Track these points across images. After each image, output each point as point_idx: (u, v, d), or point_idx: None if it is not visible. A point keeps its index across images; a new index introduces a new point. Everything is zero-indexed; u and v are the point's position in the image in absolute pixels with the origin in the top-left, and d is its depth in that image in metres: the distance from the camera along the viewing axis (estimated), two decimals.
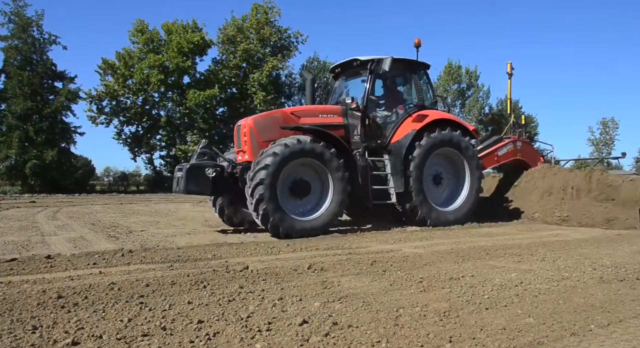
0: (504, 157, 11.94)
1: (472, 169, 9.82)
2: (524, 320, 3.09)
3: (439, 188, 9.86)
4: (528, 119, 59.71)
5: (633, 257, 5.74)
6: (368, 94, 9.11)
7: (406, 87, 10.32)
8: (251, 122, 8.27)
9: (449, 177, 9.99)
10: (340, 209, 8.11)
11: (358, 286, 4.04)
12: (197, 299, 3.53)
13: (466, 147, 9.72)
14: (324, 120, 8.73)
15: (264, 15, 37.49)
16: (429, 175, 9.53)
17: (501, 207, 11.38)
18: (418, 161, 9.04)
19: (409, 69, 9.89)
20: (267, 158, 7.41)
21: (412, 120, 9.32)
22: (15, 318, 3.01)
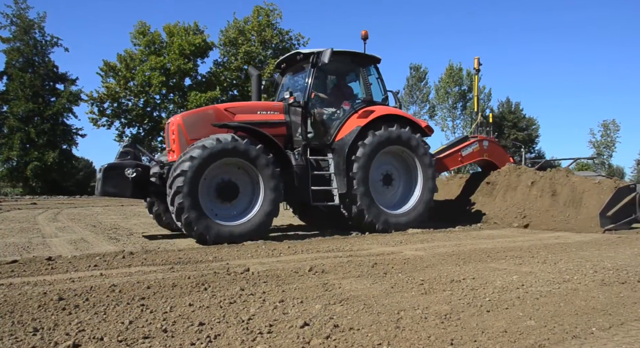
0: (469, 157, 11.39)
1: (424, 168, 9.26)
2: (525, 323, 3.08)
3: (390, 190, 9.29)
4: (529, 122, 59.77)
5: (634, 259, 5.73)
6: (310, 88, 8.58)
7: (354, 82, 9.76)
8: (179, 119, 7.81)
9: (400, 177, 9.44)
10: (273, 208, 7.50)
11: (359, 288, 4.04)
12: (198, 301, 3.53)
13: (417, 145, 9.14)
14: (262, 117, 8.27)
15: (265, 17, 37.60)
16: (377, 175, 9.04)
17: (465, 210, 10.95)
18: (363, 160, 8.49)
19: (357, 63, 9.36)
20: (184, 163, 6.87)
21: (357, 116, 8.75)
22: (16, 320, 3.01)
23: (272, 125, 8.28)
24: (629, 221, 9.28)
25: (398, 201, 9.29)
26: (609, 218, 8.88)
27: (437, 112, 57.37)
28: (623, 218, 9.08)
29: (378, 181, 9.04)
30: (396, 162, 9.35)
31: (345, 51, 9.10)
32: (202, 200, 7.01)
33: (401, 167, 9.40)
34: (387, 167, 9.23)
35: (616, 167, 73.22)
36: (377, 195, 8.82)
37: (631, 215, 9.25)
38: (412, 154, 9.16)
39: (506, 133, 57.99)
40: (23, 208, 16.19)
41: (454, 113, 56.91)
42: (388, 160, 9.22)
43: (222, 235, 7.00)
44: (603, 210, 8.83)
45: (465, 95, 56.38)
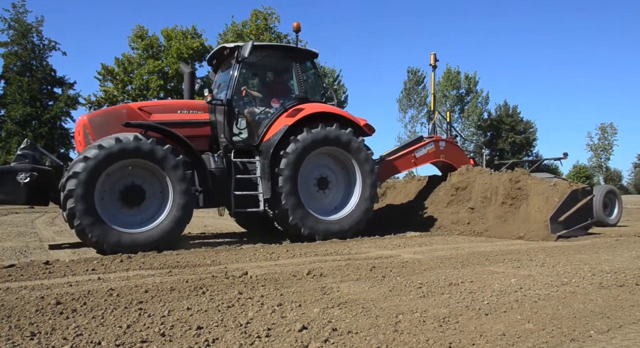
0: (424, 159, 10.72)
1: (363, 173, 8.48)
2: (523, 326, 3.08)
3: (326, 195, 8.53)
4: (526, 125, 59.92)
5: (632, 262, 5.74)
6: (234, 85, 7.92)
7: (287, 78, 9.07)
8: (85, 119, 7.21)
9: (338, 182, 8.67)
10: (184, 214, 6.88)
11: (357, 292, 4.03)
12: (196, 305, 3.52)
13: (357, 149, 8.40)
14: (183, 117, 7.69)
15: (263, 21, 37.64)
16: (311, 178, 8.34)
17: (417, 216, 10.33)
18: (291, 159, 7.73)
19: (290, 58, 8.66)
20: (78, 164, 6.30)
21: (287, 115, 8.06)
22: (13, 325, 3.00)
23: (194, 125, 7.75)
24: (585, 226, 8.82)
25: (335, 207, 8.56)
26: (560, 224, 8.34)
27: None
28: (577, 223, 8.57)
29: (312, 184, 8.37)
30: (335, 166, 8.64)
31: (275, 45, 8.57)
32: (99, 205, 6.44)
33: (340, 171, 8.68)
34: (324, 170, 8.51)
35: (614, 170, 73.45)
36: (310, 199, 8.18)
37: (587, 220, 8.81)
38: (351, 157, 8.45)
39: (504, 136, 58.12)
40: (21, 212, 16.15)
41: (451, 116, 57.01)
42: (325, 162, 8.53)
43: (122, 243, 6.40)
44: (554, 215, 8.29)
45: (463, 98, 56.55)
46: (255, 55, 8.27)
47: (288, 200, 7.68)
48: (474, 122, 56.45)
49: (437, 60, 12.39)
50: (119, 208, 6.76)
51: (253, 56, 8.19)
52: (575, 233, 8.49)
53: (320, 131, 8.01)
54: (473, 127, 56.96)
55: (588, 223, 8.81)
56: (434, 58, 12.32)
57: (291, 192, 7.72)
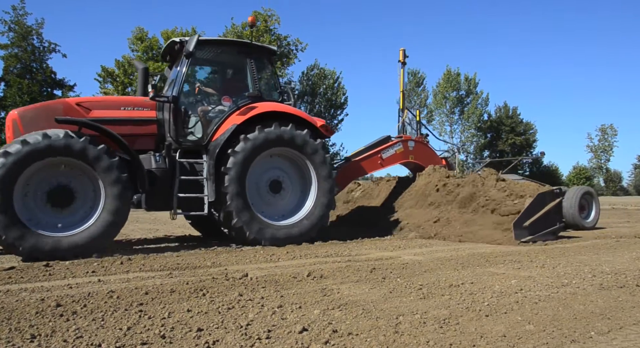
0: (391, 160, 10.24)
1: (319, 177, 7.96)
2: (524, 327, 3.08)
3: (279, 198, 7.97)
4: (526, 126, 59.90)
5: (633, 263, 5.74)
6: (182, 81, 7.49)
7: (243, 75, 8.51)
8: (15, 114, 6.73)
9: (293, 185, 8.13)
10: (117, 218, 6.41)
11: (358, 293, 4.03)
12: (196, 307, 3.52)
13: (314, 151, 7.89)
14: (127, 114, 7.18)
15: (263, 23, 37.66)
16: (263, 180, 7.84)
17: (385, 219, 9.78)
18: (239, 159, 7.28)
19: (245, 54, 8.12)
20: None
21: (238, 113, 7.58)
22: (13, 327, 3.00)
23: (138, 123, 7.26)
24: (554, 231, 8.27)
25: (289, 212, 8.01)
26: (526, 229, 7.77)
27: (435, 117, 57.53)
28: (545, 227, 8.04)
29: (263, 187, 7.84)
30: (290, 168, 8.14)
31: (226, 40, 8.08)
32: (19, 205, 5.96)
33: (296, 175, 8.16)
34: (278, 173, 8.00)
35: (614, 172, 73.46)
36: (260, 202, 7.72)
37: (555, 224, 8.28)
38: (307, 160, 7.94)
39: (504, 137, 58.13)
40: None
41: (451, 118, 57.08)
42: (279, 164, 8.04)
43: (41, 247, 5.88)
44: (518, 219, 7.69)
45: (462, 100, 56.56)
46: (207, 50, 7.96)
47: (233, 202, 7.20)
48: (474, 123, 56.44)
49: (406, 56, 11.75)
50: (45, 209, 6.23)
51: (205, 52, 7.92)
52: (543, 238, 7.93)
53: (273, 131, 7.54)
54: (473, 129, 56.97)
55: (556, 228, 8.30)
56: (403, 54, 11.70)
57: (237, 194, 7.24)
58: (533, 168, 62.28)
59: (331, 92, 45.44)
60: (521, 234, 7.67)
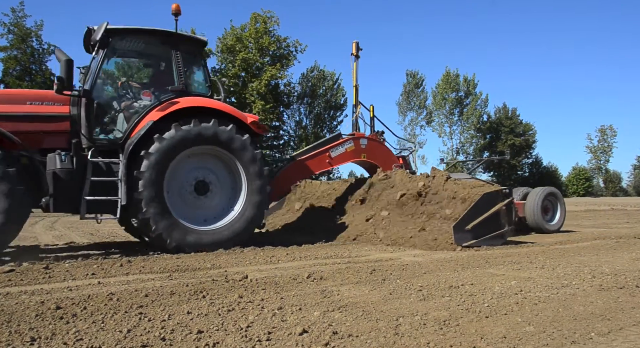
0: (341, 159, 9.64)
1: (249, 176, 7.37)
2: (524, 329, 3.08)
3: (206, 201, 7.34)
4: (526, 127, 59.96)
5: (632, 264, 5.74)
6: (96, 73, 6.90)
7: (167, 68, 7.83)
8: None
9: (222, 186, 7.49)
10: (5, 221, 5.86)
11: (358, 295, 4.03)
12: (196, 309, 3.52)
13: (242, 148, 7.26)
14: (34, 109, 6.63)
15: (262, 24, 37.72)
16: (187, 181, 7.20)
17: (332, 223, 9.14)
18: (153, 160, 6.67)
19: (168, 45, 7.47)
20: None
21: (158, 109, 6.96)
22: (13, 330, 3.00)
23: (47, 120, 6.68)
24: (501, 234, 7.62)
25: (219, 214, 7.42)
26: (469, 233, 7.17)
27: (435, 118, 57.61)
28: (491, 230, 7.43)
29: (187, 189, 7.22)
30: (219, 168, 7.51)
31: (143, 29, 7.38)
32: None
33: (225, 175, 7.55)
34: (204, 173, 7.36)
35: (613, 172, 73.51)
36: (184, 206, 7.14)
37: (504, 227, 7.63)
38: (234, 159, 7.33)
39: (503, 138, 58.19)
40: None
41: (451, 119, 57.16)
42: (206, 164, 7.41)
43: None
44: (459, 222, 7.11)
45: (462, 101, 56.64)
46: (127, 40, 7.37)
47: (150, 208, 6.61)
48: (473, 124, 56.53)
49: (360, 49, 11.04)
50: None
51: (124, 42, 7.35)
52: (488, 242, 7.34)
53: (192, 128, 6.91)
54: (472, 130, 57.04)
55: (504, 231, 7.63)
56: (356, 47, 11.00)
57: (153, 199, 6.65)
58: (533, 169, 62.38)
59: (331, 93, 45.48)
60: (463, 238, 7.08)
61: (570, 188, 64.10)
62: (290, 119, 45.38)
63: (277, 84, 39.45)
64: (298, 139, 43.22)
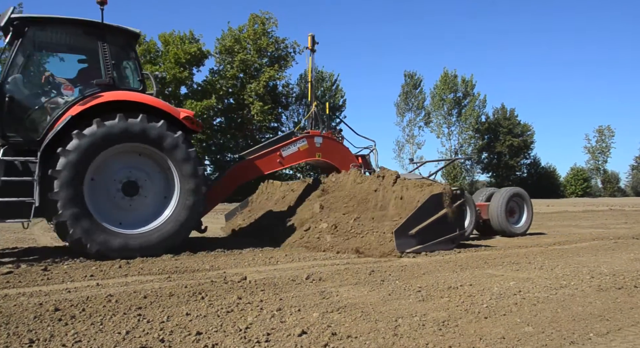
0: (293, 158, 9.12)
1: (182, 176, 6.88)
2: (523, 329, 3.08)
3: (135, 202, 6.80)
4: (524, 128, 60.04)
5: (631, 264, 5.75)
6: (8, 65, 6.45)
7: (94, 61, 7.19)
8: None
9: (155, 186, 6.95)
10: None
11: (357, 296, 4.03)
12: (195, 310, 3.52)
13: (173, 146, 6.76)
14: None
15: (261, 25, 37.77)
16: (114, 181, 6.67)
17: (282, 227, 8.57)
18: (72, 159, 6.20)
19: (94, 36, 6.93)
20: None
21: (80, 104, 6.50)
22: (11, 332, 2.99)
23: None
24: (452, 239, 7.08)
25: (151, 217, 6.88)
26: (413, 237, 6.63)
27: (433, 119, 57.68)
28: (440, 235, 6.92)
29: (114, 189, 6.68)
30: (151, 167, 6.97)
31: (69, 19, 6.86)
32: None
33: (158, 174, 7.02)
34: (134, 173, 6.82)
35: (611, 173, 73.64)
36: (111, 208, 6.64)
37: (454, 231, 7.09)
38: (166, 157, 6.83)
39: (501, 139, 58.27)
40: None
41: (449, 120, 57.21)
42: (137, 163, 6.87)
43: None
44: (402, 226, 6.55)
45: (460, 101, 56.72)
46: (46, 30, 6.90)
47: (66, 210, 6.14)
48: (472, 125, 56.60)
49: (316, 42, 10.50)
50: None
51: (45, 32, 6.87)
52: (437, 248, 6.86)
53: (116, 124, 6.41)
54: (471, 130, 57.10)
55: (455, 236, 7.10)
56: (312, 40, 10.46)
57: (71, 200, 6.19)
58: (531, 169, 62.45)
59: (329, 94, 45.53)
60: (406, 243, 6.55)
61: (568, 189, 64.17)
62: (289, 120, 45.42)
63: (275, 85, 39.49)
64: None
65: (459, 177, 54.23)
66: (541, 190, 57.78)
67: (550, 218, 16.08)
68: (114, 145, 6.49)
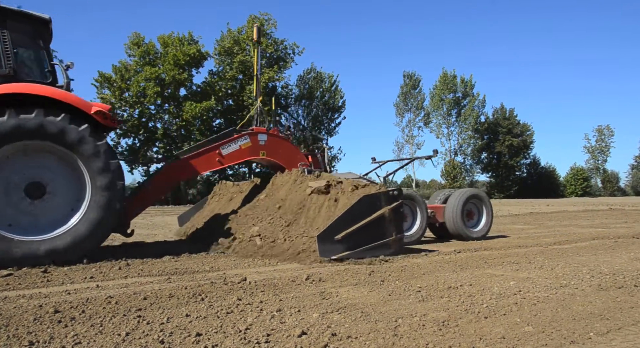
0: (234, 157, 8.50)
1: (92, 173, 6.30)
2: (523, 329, 3.08)
3: (41, 205, 6.17)
4: (523, 128, 60.02)
5: (631, 264, 5.75)
6: None
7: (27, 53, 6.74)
8: None
9: (65, 187, 6.35)
10: None
11: (356, 296, 4.03)
12: (195, 312, 3.51)
13: (79, 141, 6.16)
14: None
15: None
16: (15, 184, 6.05)
17: (220, 230, 8.06)
18: None
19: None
20: None
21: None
22: (11, 334, 2.99)
23: None
24: (386, 244, 6.45)
25: (58, 221, 6.24)
26: (339, 243, 6.04)
27: (432, 119, 57.67)
28: (372, 240, 6.33)
29: (17, 192, 6.08)
30: (59, 166, 6.37)
31: None
32: None
33: (68, 174, 6.40)
34: (39, 173, 6.21)
35: (611, 172, 73.64)
36: (12, 212, 6.00)
37: (390, 235, 6.48)
38: (72, 154, 6.23)
39: (501, 139, 58.27)
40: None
41: (448, 120, 57.21)
42: (42, 162, 6.26)
43: None
44: (326, 231, 5.99)
45: (459, 102, 56.71)
46: None
47: None
48: (471, 125, 56.60)
49: (263, 34, 9.84)
50: None
51: None
52: (369, 254, 6.24)
53: (6, 121, 5.80)
54: (470, 131, 57.10)
55: (390, 240, 6.49)
56: (257, 32, 9.84)
57: None
58: (531, 169, 62.45)
59: (328, 95, 45.52)
60: (331, 250, 5.99)
61: (568, 189, 64.15)
62: (288, 121, 45.41)
63: (274, 86, 39.49)
64: (296, 141, 43.25)
65: (459, 177, 54.19)
66: (541, 189, 57.81)
67: (550, 218, 16.08)
68: (8, 144, 5.89)
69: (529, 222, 14.21)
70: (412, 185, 57.95)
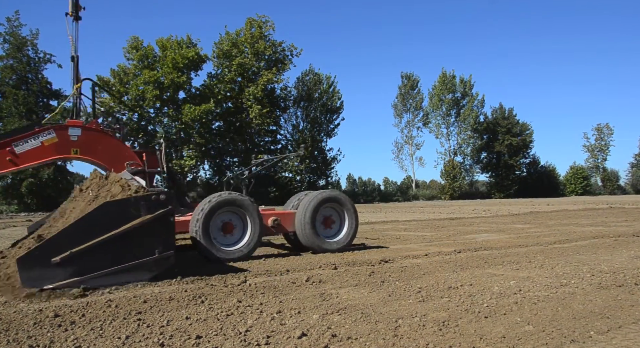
0: (31, 156, 6.80)
1: None
2: (523, 328, 3.08)
3: None
4: (523, 127, 60.00)
5: (631, 262, 5.75)
6: None
7: None
8: None
9: None
10: None
11: (357, 297, 4.03)
12: (195, 314, 3.51)
13: None
14: None
15: (258, 29, 37.79)
16: None
17: None
18: None
19: None
20: None
21: None
22: (11, 339, 2.99)
23: None
24: (145, 264, 4.72)
25: None
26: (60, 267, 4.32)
27: (431, 119, 57.69)
28: (118, 261, 4.60)
29: None
30: None
31: None
32: None
33: None
34: None
35: (610, 171, 73.62)
36: None
37: (151, 254, 4.74)
38: None
39: (500, 139, 58.28)
40: (18, 225, 16.06)
41: (448, 120, 57.22)
42: None
43: None
44: (35, 251, 4.30)
45: (458, 102, 56.74)
46: None
47: None
48: (470, 125, 56.61)
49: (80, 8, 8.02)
50: None
51: None
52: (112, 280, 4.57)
53: None
54: (469, 130, 57.11)
55: (150, 260, 4.74)
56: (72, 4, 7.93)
57: None
58: (531, 169, 62.43)
59: (327, 96, 45.53)
60: (44, 277, 4.27)
61: (568, 187, 64.12)
62: (287, 122, 45.42)
63: (273, 89, 39.51)
64: (295, 143, 43.25)
65: (459, 177, 54.19)
66: (541, 189, 57.77)
67: (550, 217, 16.07)
68: None
69: (529, 221, 14.20)
70: (412, 185, 57.95)
